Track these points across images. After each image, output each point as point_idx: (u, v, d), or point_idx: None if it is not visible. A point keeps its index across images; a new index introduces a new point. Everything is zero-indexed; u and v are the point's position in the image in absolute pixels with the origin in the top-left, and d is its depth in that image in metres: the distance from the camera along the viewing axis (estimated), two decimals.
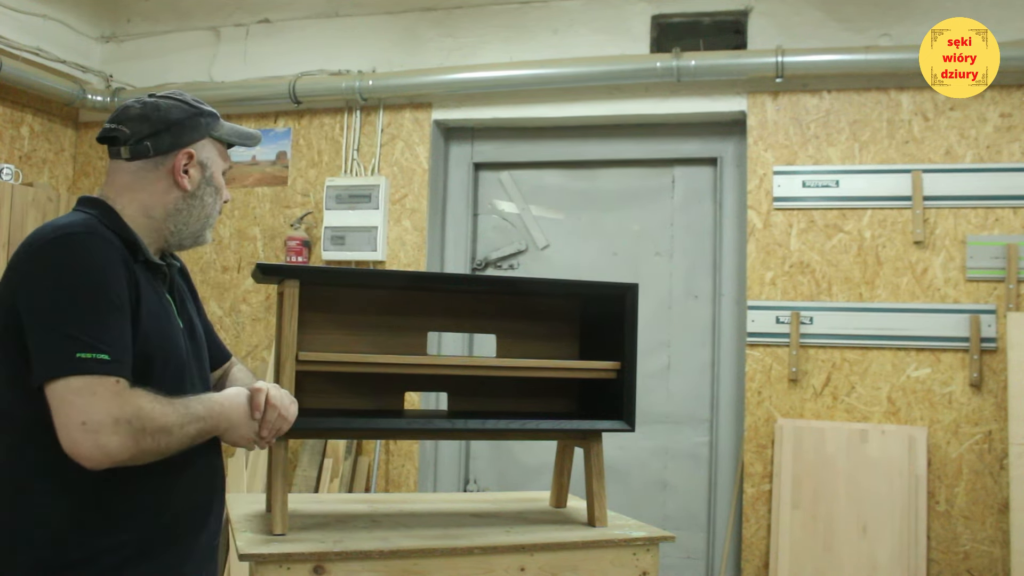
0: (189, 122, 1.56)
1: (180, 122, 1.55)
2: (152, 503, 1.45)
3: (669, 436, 3.83)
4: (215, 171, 1.61)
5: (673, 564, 3.70)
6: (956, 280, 3.36)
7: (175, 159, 1.55)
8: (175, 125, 1.55)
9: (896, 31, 3.47)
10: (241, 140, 1.67)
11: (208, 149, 1.60)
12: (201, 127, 1.58)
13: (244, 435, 1.52)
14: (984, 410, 3.29)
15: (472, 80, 3.80)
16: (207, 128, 1.59)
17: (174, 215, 1.56)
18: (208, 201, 1.61)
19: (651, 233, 3.92)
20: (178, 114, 1.56)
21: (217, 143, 1.62)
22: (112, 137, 1.55)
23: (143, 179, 1.54)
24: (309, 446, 3.81)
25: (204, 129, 1.59)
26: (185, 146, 1.55)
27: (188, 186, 1.56)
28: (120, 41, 4.37)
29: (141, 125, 1.53)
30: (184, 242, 1.61)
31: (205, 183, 1.59)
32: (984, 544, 3.26)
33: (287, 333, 1.68)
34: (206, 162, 1.59)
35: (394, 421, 1.82)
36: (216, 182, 1.61)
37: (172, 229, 1.57)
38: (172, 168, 1.55)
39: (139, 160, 1.53)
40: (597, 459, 1.88)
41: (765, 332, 3.52)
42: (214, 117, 1.62)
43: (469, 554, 1.65)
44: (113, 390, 1.33)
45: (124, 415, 1.32)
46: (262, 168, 4.18)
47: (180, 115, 1.56)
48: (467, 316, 2.00)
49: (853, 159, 3.50)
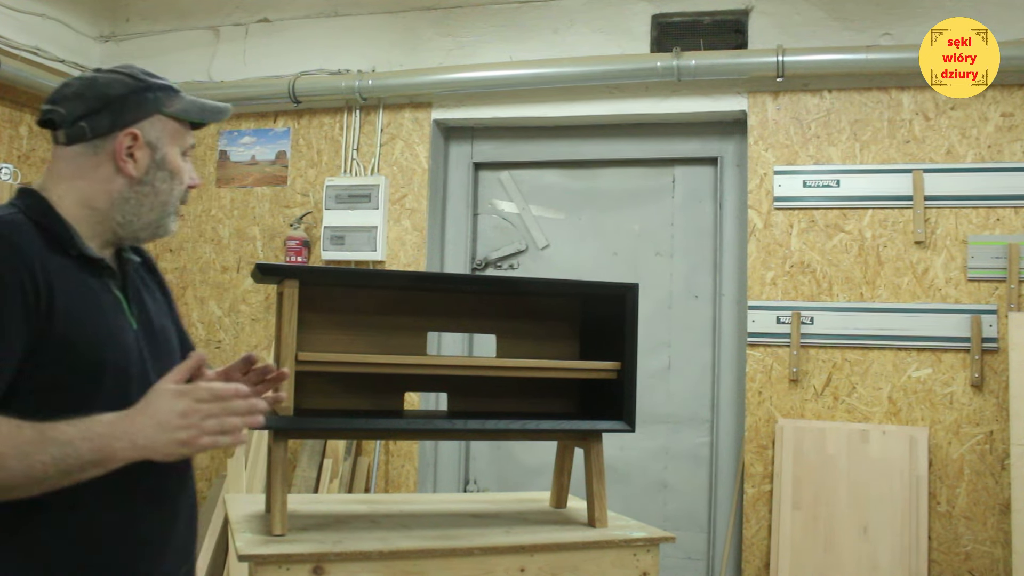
0: (132, 98, 1.37)
1: (121, 99, 1.36)
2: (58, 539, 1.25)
3: (669, 436, 3.82)
4: (168, 152, 1.40)
5: (673, 565, 3.70)
6: (957, 280, 3.35)
7: (116, 141, 1.35)
8: (115, 102, 1.35)
9: (897, 30, 3.47)
10: (203, 115, 1.46)
11: (158, 128, 1.39)
12: (147, 103, 1.38)
13: (165, 431, 1.23)
14: (985, 410, 3.29)
15: (472, 80, 3.79)
16: (156, 104, 1.39)
17: (121, 205, 1.37)
18: (161, 187, 1.40)
19: (651, 233, 3.91)
20: (119, 89, 1.36)
21: (173, 120, 1.41)
22: (48, 120, 1.37)
23: (82, 166, 1.35)
24: (309, 446, 3.81)
25: (152, 105, 1.38)
26: (128, 125, 1.36)
27: (133, 172, 1.36)
28: (119, 40, 4.36)
29: (77, 104, 1.35)
30: (139, 234, 1.41)
31: (155, 167, 1.39)
32: (985, 545, 3.25)
33: (287, 333, 1.68)
34: (155, 143, 1.39)
35: (394, 421, 1.82)
36: (170, 165, 1.40)
37: (120, 220, 1.38)
38: (114, 151, 1.35)
39: (77, 144, 1.35)
40: (597, 459, 1.87)
41: (766, 332, 3.51)
42: (167, 91, 1.41)
43: (469, 555, 1.64)
44: None
45: None
46: (261, 168, 4.17)
47: (121, 90, 1.36)
48: (467, 316, 2.00)
49: (854, 159, 3.50)
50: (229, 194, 4.20)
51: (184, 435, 1.23)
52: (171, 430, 1.23)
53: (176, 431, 1.23)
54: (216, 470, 4.09)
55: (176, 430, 1.23)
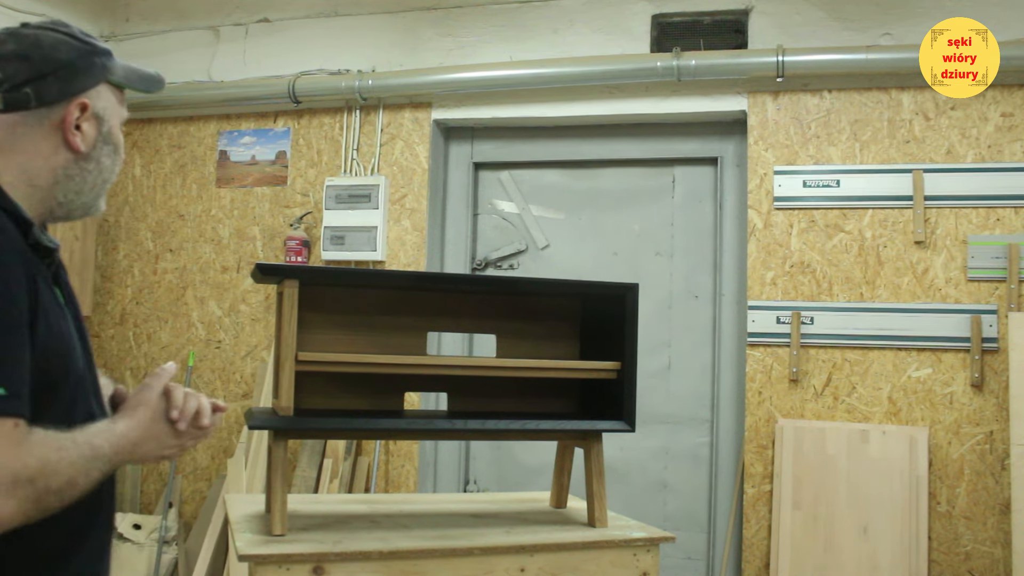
0: (82, 63, 1.23)
1: (70, 64, 1.21)
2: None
3: (669, 436, 3.82)
4: (113, 125, 1.28)
5: (673, 565, 3.70)
6: (957, 280, 3.35)
7: (65, 111, 1.21)
8: (64, 68, 1.21)
9: (897, 30, 3.47)
10: (143, 85, 1.34)
11: (105, 97, 1.27)
12: (96, 69, 1.25)
13: (160, 448, 1.26)
14: (985, 410, 3.29)
15: (472, 80, 3.79)
16: (103, 71, 1.26)
17: (64, 182, 1.23)
18: (106, 163, 1.28)
19: (651, 233, 3.91)
20: (68, 52, 1.22)
21: (113, 89, 1.29)
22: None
23: (23, 136, 1.20)
24: (309, 446, 3.81)
25: (99, 72, 1.25)
26: (77, 94, 1.22)
27: (81, 146, 1.23)
28: (119, 40, 4.36)
29: (18, 66, 1.19)
30: (73, 213, 1.28)
31: (102, 141, 1.26)
32: (985, 545, 3.25)
33: (286, 333, 1.68)
34: (102, 114, 1.26)
35: (394, 421, 1.82)
36: (115, 139, 1.29)
37: (60, 199, 1.24)
38: (62, 123, 1.21)
39: (15, 112, 1.19)
40: (597, 459, 1.87)
41: (766, 332, 3.51)
42: (109, 56, 1.28)
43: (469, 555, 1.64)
44: (11, 437, 1.04)
45: (27, 472, 1.04)
46: (261, 168, 4.17)
47: (70, 54, 1.22)
48: (467, 316, 2.00)
49: (854, 159, 3.50)
50: (229, 194, 4.20)
51: (170, 452, 1.29)
52: (164, 447, 1.28)
53: (167, 448, 1.28)
54: (216, 470, 4.09)
55: (167, 448, 1.28)
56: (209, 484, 4.09)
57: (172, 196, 4.29)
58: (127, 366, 4.28)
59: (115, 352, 4.30)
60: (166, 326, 4.24)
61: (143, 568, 3.83)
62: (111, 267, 4.35)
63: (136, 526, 3.91)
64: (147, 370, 4.24)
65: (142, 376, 4.22)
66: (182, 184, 4.28)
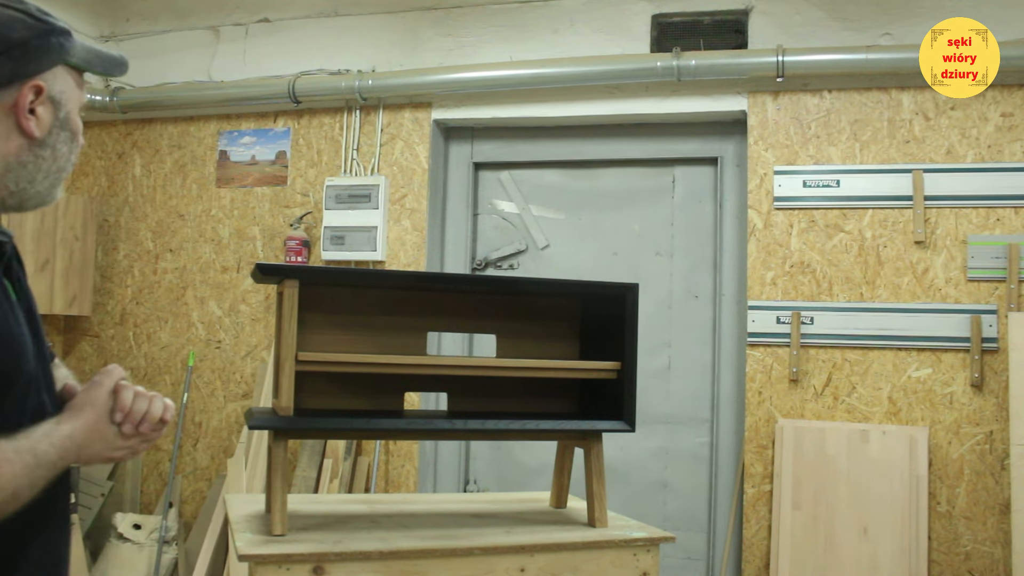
0: (37, 43, 1.14)
1: (24, 43, 1.12)
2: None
3: (669, 436, 3.82)
4: (71, 110, 1.21)
5: (673, 565, 3.70)
6: (957, 280, 3.35)
7: (18, 95, 1.13)
8: (17, 47, 1.12)
9: (897, 30, 3.47)
10: (103, 66, 1.26)
11: (62, 79, 1.19)
12: (52, 50, 1.16)
13: (107, 449, 1.21)
14: (985, 410, 3.29)
15: (472, 80, 3.79)
16: (61, 52, 1.17)
17: (16, 169, 1.16)
18: (62, 150, 1.20)
19: (651, 233, 3.91)
20: (22, 32, 1.12)
21: (72, 71, 1.21)
22: None
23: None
24: (309, 446, 3.81)
25: (56, 53, 1.16)
26: (31, 76, 1.14)
27: (36, 131, 1.16)
28: (119, 40, 4.36)
29: None
30: (26, 203, 1.20)
31: (59, 127, 1.19)
32: (985, 545, 3.25)
33: (287, 333, 1.68)
34: (59, 98, 1.18)
35: (394, 421, 1.82)
36: (72, 125, 1.22)
37: (12, 188, 1.17)
38: (15, 106, 1.14)
39: None
40: (597, 459, 1.87)
41: (766, 332, 3.51)
42: (67, 35, 1.19)
43: (469, 555, 1.64)
44: None
45: None
46: (261, 168, 4.17)
47: (24, 33, 1.13)
48: (467, 316, 2.00)
49: (854, 159, 3.50)
50: (229, 194, 4.20)
51: (120, 454, 1.24)
52: (112, 449, 1.23)
53: (115, 450, 1.23)
54: (216, 470, 4.10)
55: (116, 449, 1.23)
56: (209, 484, 4.09)
57: (172, 196, 4.29)
58: (127, 366, 4.28)
59: (115, 352, 4.30)
60: (166, 326, 4.24)
61: (143, 568, 3.83)
62: (111, 267, 4.35)
63: (136, 526, 3.91)
64: (146, 371, 4.25)
65: (142, 376, 4.22)
66: (182, 184, 4.28)
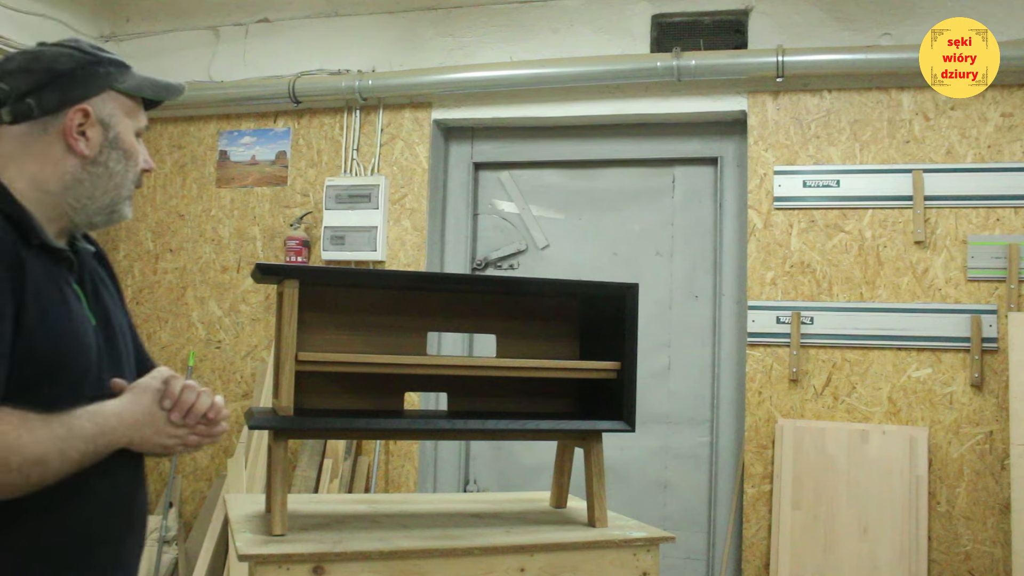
0: (82, 72, 1.31)
1: (69, 73, 1.30)
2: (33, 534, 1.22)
3: (669, 436, 3.82)
4: (121, 131, 1.35)
5: (673, 565, 3.70)
6: (957, 280, 3.35)
7: (66, 118, 1.29)
8: (63, 76, 1.29)
9: (897, 30, 3.47)
10: (157, 92, 1.41)
11: (111, 105, 1.34)
12: (99, 78, 1.32)
13: (157, 435, 1.30)
14: (985, 410, 3.29)
15: (472, 80, 3.79)
16: (108, 79, 1.33)
17: (73, 187, 1.31)
18: (116, 168, 1.34)
19: (651, 233, 3.91)
20: (67, 63, 1.30)
21: (125, 97, 1.36)
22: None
23: (31, 145, 1.29)
24: (309, 446, 3.81)
25: (104, 80, 1.33)
26: (78, 101, 1.30)
27: (86, 151, 1.31)
28: (119, 40, 4.36)
29: (22, 79, 1.28)
30: (94, 219, 1.36)
31: (109, 146, 1.33)
32: (985, 545, 3.25)
33: (287, 333, 1.68)
34: (108, 120, 1.33)
35: (394, 421, 1.82)
36: (124, 145, 1.35)
37: (74, 204, 1.32)
38: (64, 129, 1.29)
39: (24, 122, 1.28)
40: (597, 459, 1.87)
41: (765, 332, 3.51)
42: (119, 66, 1.35)
43: (469, 555, 1.64)
44: None
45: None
46: (261, 168, 4.17)
47: (69, 64, 1.30)
48: (467, 316, 2.00)
49: (854, 159, 3.50)
50: (229, 194, 4.20)
51: (171, 442, 1.33)
52: (163, 435, 1.31)
53: (167, 437, 1.32)
54: (216, 470, 4.10)
55: (167, 436, 1.32)
56: (209, 484, 4.09)
57: (172, 196, 4.29)
58: None
59: None
60: (166, 326, 4.24)
61: (143, 568, 3.83)
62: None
63: None
64: None
65: None
66: (182, 184, 4.28)
